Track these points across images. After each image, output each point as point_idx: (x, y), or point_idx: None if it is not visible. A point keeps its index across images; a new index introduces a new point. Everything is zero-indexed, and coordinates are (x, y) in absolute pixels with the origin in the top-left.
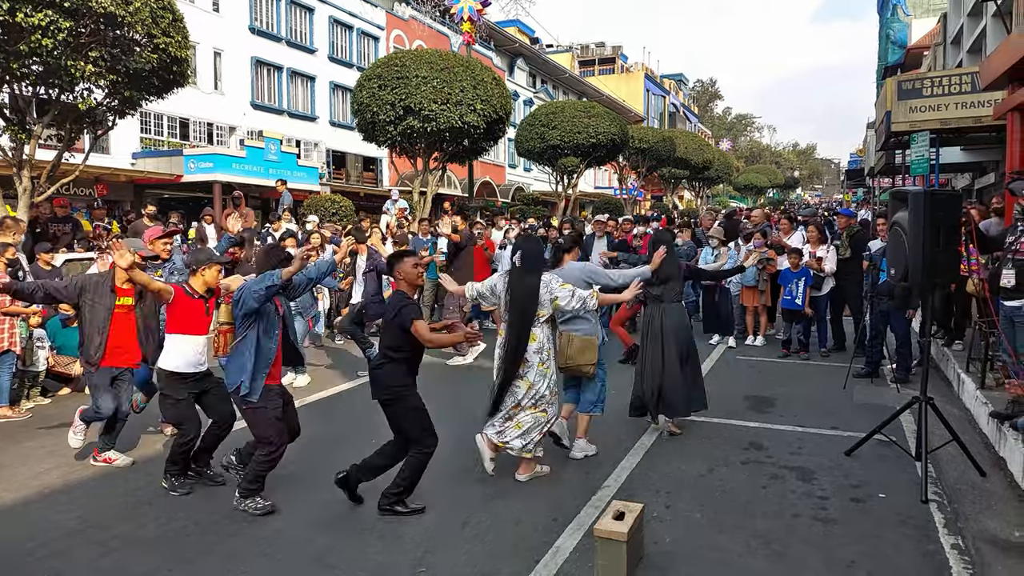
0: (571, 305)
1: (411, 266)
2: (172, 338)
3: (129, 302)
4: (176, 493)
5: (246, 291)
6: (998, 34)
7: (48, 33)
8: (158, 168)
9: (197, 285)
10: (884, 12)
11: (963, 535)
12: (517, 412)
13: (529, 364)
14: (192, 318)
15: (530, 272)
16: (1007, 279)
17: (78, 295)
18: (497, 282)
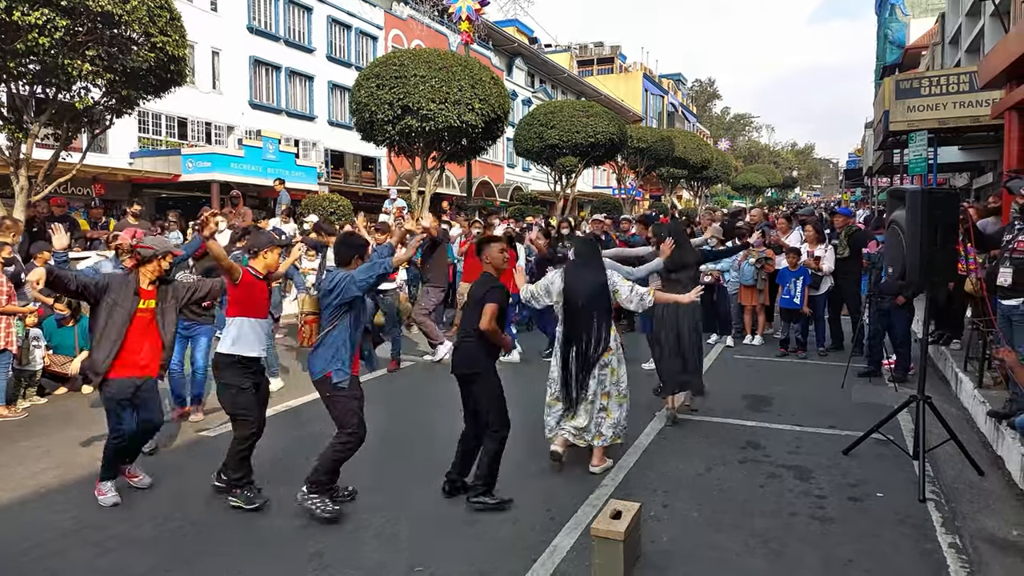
0: (631, 300)
1: (497, 251)
2: (237, 321)
3: (152, 306)
4: (251, 508)
5: (349, 280)
6: (996, 33)
7: (45, 32)
8: (156, 167)
9: (259, 267)
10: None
11: (961, 534)
12: (607, 401)
13: (612, 352)
14: (258, 301)
15: (594, 267)
16: (1004, 278)
17: (102, 294)
18: (553, 280)
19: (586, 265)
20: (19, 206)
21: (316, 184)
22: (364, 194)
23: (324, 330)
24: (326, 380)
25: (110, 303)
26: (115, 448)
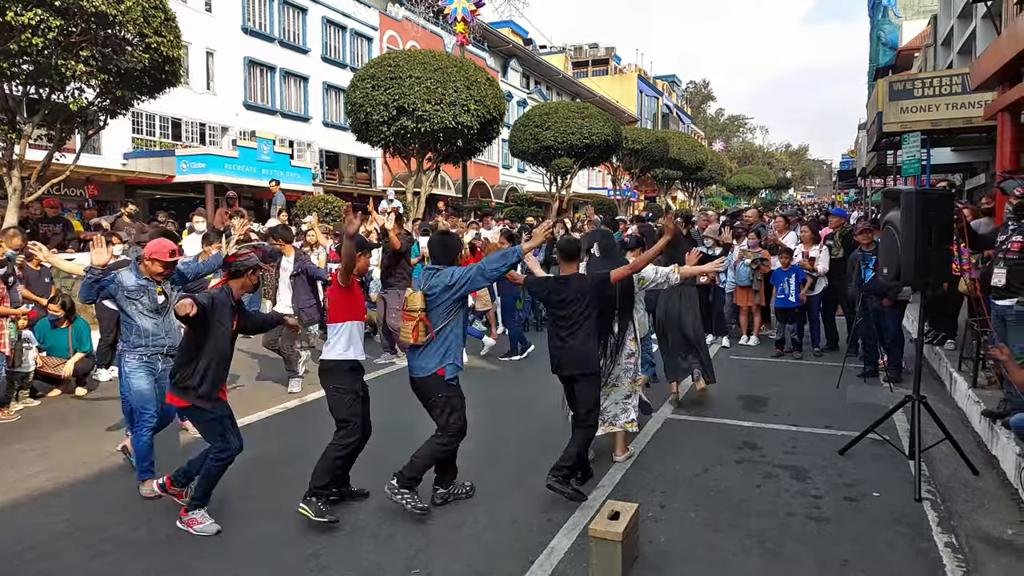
0: (657, 281)
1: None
2: (347, 326)
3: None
4: (321, 520)
5: (476, 271)
6: (988, 35)
7: (38, 32)
8: (150, 168)
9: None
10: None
11: (956, 533)
12: (634, 387)
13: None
14: (359, 303)
15: (615, 259)
16: (998, 278)
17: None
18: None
19: (609, 257)
20: (12, 207)
21: (311, 185)
22: (359, 195)
23: (438, 327)
24: (438, 377)
25: (216, 324)
26: (221, 468)
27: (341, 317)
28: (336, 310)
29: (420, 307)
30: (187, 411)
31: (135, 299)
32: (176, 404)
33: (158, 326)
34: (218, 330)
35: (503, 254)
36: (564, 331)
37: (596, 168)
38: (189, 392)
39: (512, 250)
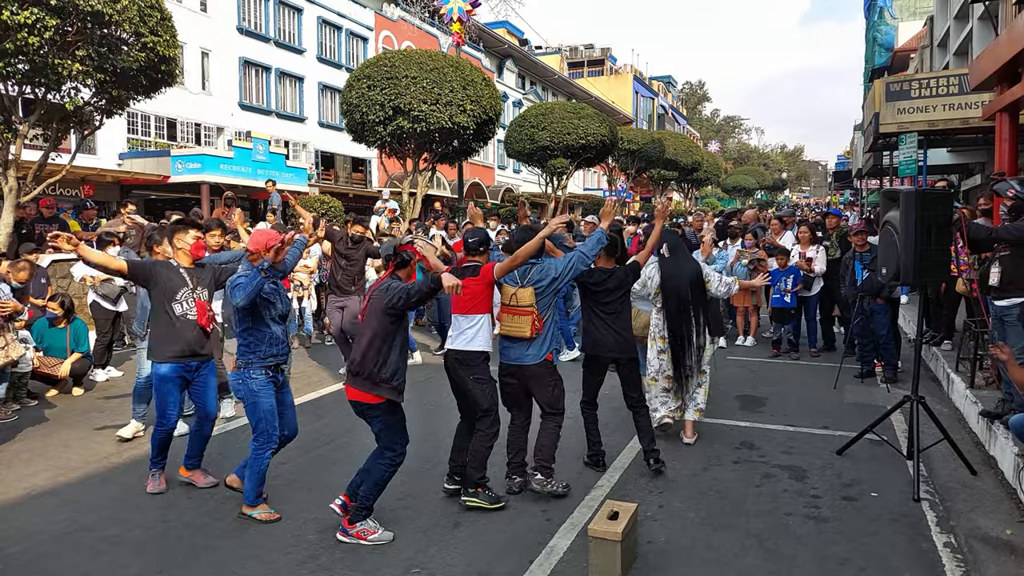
0: (718, 290)
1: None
2: (482, 318)
3: None
4: (496, 507)
5: (577, 259)
6: (985, 36)
7: (34, 31)
8: (145, 169)
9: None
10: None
11: (955, 533)
12: (704, 378)
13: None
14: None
15: (687, 258)
16: (995, 277)
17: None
18: (652, 275)
19: (681, 256)
20: (8, 207)
21: (306, 185)
22: (355, 195)
23: (544, 317)
24: (547, 362)
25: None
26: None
27: (479, 309)
28: (473, 303)
29: (532, 302)
30: (378, 408)
31: (273, 302)
32: (365, 400)
33: (285, 331)
34: (405, 321)
35: (596, 239)
36: (608, 316)
37: (592, 169)
38: (383, 386)
39: (601, 231)
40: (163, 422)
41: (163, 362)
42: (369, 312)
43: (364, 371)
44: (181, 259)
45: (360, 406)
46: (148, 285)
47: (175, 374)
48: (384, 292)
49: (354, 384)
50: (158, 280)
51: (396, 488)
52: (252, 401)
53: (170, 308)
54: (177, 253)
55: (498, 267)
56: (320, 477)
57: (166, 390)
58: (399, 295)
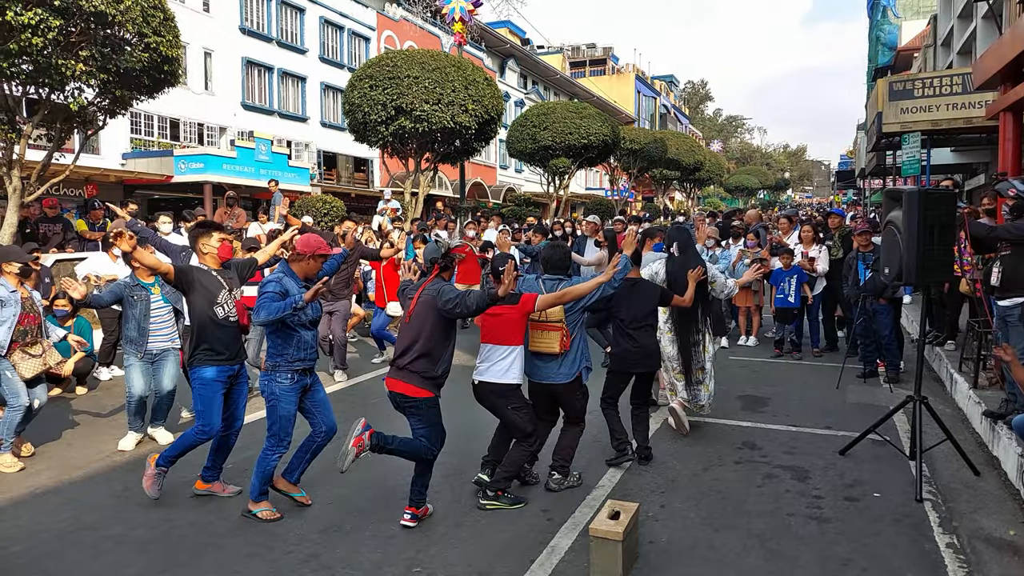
0: (722, 290)
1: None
2: (517, 350)
3: None
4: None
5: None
6: (988, 35)
7: (38, 32)
8: (148, 169)
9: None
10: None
11: (958, 534)
12: (703, 376)
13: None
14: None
15: (695, 257)
16: (996, 277)
17: None
18: (657, 271)
19: (690, 255)
20: (12, 207)
21: (308, 185)
22: (357, 195)
23: (572, 335)
24: (579, 380)
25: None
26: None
27: (513, 340)
28: (508, 332)
29: (561, 317)
30: (422, 402)
31: (303, 309)
32: (411, 393)
33: (315, 336)
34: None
35: (623, 266)
36: (633, 331)
37: (594, 168)
38: (430, 382)
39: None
40: (206, 429)
41: (207, 365)
42: (420, 311)
43: (415, 367)
44: (209, 263)
45: (403, 399)
46: (189, 291)
47: (220, 378)
48: (436, 294)
49: (401, 377)
50: (199, 285)
51: (397, 488)
52: (273, 403)
53: (213, 313)
54: (204, 257)
55: (541, 300)
56: (322, 476)
57: (211, 394)
58: (456, 304)
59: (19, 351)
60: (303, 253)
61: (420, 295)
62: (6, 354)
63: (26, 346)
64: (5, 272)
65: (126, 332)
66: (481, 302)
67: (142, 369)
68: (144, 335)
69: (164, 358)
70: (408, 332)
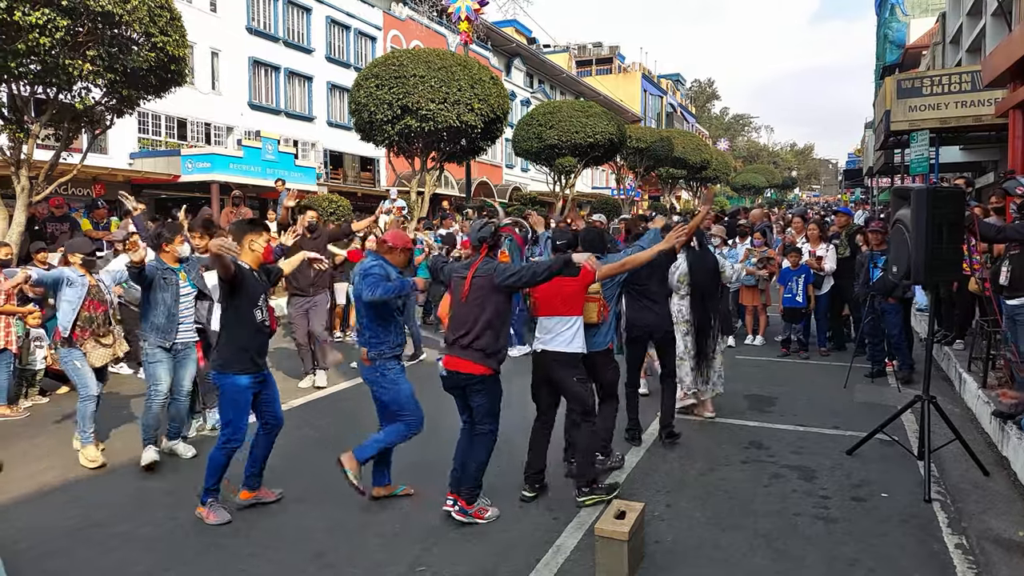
0: (731, 276)
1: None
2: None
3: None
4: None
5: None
6: (998, 33)
7: (46, 32)
8: (156, 168)
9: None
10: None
11: (967, 535)
12: (714, 360)
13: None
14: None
15: (708, 250)
16: (1004, 276)
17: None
18: (679, 265)
19: (704, 249)
20: (20, 206)
21: (315, 185)
22: (363, 194)
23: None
24: (608, 351)
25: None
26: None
27: (574, 311)
28: (570, 304)
29: (599, 289)
30: (484, 380)
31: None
32: (472, 371)
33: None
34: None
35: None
36: (650, 301)
37: (600, 167)
38: (492, 359)
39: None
40: (235, 438)
41: (242, 373)
42: (476, 291)
43: (477, 344)
44: (250, 261)
45: (463, 377)
46: (237, 291)
47: (252, 386)
48: (492, 272)
49: (461, 355)
50: (246, 286)
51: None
52: (395, 388)
53: (252, 315)
54: (249, 255)
55: (602, 270)
56: (325, 476)
57: (243, 402)
58: (520, 276)
59: (91, 339)
60: (395, 246)
61: (473, 275)
62: (79, 343)
63: (98, 335)
64: (71, 263)
65: (152, 320)
66: (549, 272)
67: (168, 365)
68: (174, 322)
69: (187, 354)
70: (465, 312)
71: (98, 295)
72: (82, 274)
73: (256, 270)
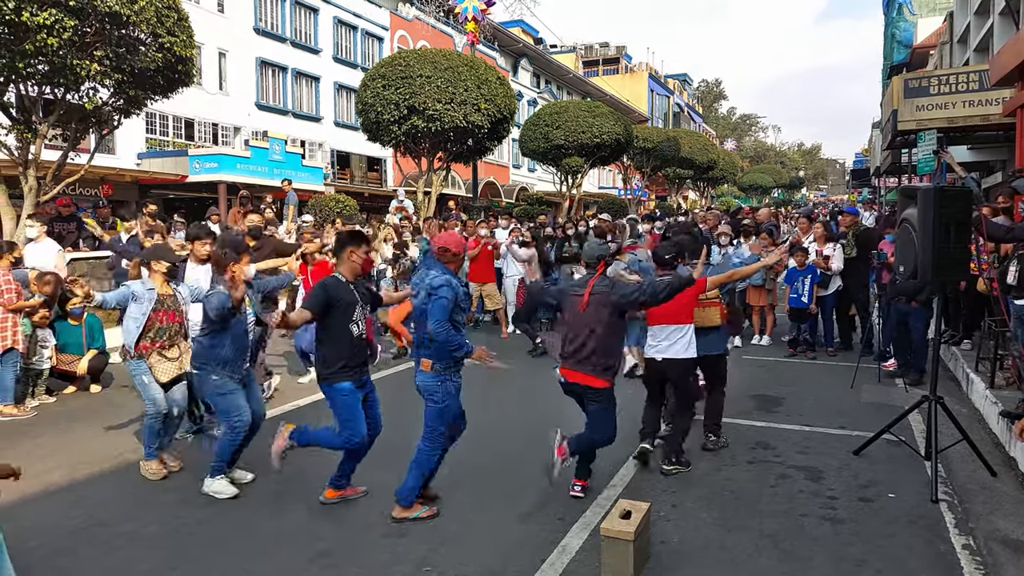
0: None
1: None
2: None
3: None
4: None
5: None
6: (1006, 32)
7: (53, 32)
8: (163, 168)
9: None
10: (889, 11)
11: (974, 535)
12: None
13: None
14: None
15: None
16: (1012, 276)
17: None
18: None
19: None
20: (28, 206)
21: (322, 185)
22: (370, 194)
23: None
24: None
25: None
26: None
27: (686, 319)
28: (682, 312)
29: (717, 293)
30: (602, 392)
31: (464, 308)
32: (592, 384)
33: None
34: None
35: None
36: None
37: (607, 167)
38: (609, 373)
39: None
40: (354, 436)
41: (345, 381)
42: (593, 307)
43: (595, 359)
44: (348, 274)
45: (583, 388)
46: (331, 308)
47: (356, 389)
48: (610, 288)
49: (582, 369)
50: (340, 301)
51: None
52: (445, 404)
53: (348, 330)
54: (349, 267)
55: (713, 279)
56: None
57: (354, 402)
58: (642, 293)
59: (156, 353)
60: (458, 252)
61: (591, 292)
62: (144, 355)
63: (163, 348)
64: (153, 270)
65: (219, 354)
66: (670, 291)
67: (243, 392)
68: (243, 354)
69: (251, 379)
70: (580, 326)
71: (174, 305)
72: (151, 287)
73: (353, 282)
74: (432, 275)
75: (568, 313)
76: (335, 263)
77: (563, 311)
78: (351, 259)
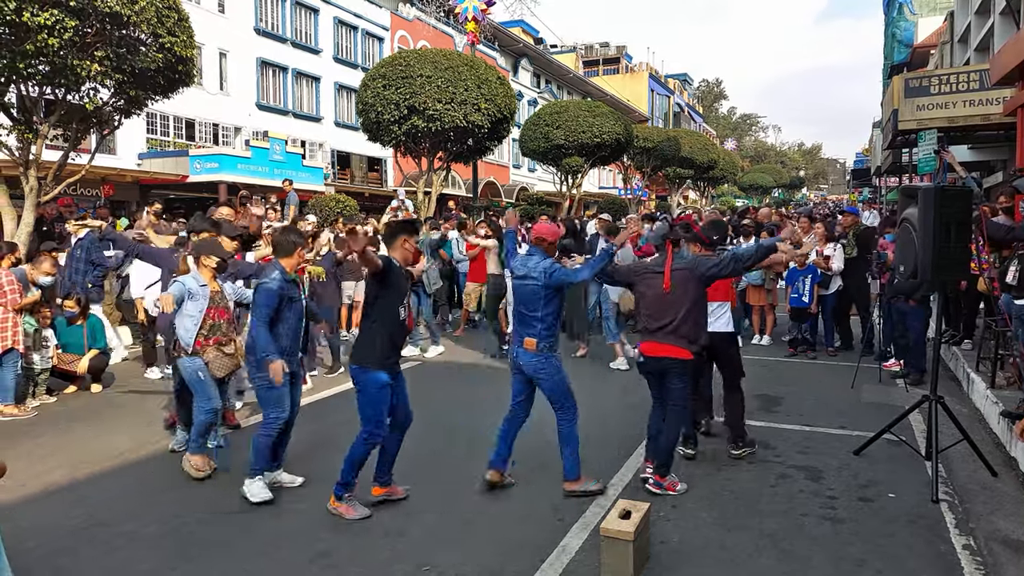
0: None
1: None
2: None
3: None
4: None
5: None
6: (1006, 31)
7: (54, 32)
8: (164, 168)
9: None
10: (890, 11)
11: (975, 535)
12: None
13: None
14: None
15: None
16: (1012, 276)
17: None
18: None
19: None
20: (29, 207)
21: (322, 185)
22: (370, 194)
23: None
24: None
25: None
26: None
27: (724, 297)
28: (720, 292)
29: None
30: (685, 363)
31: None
32: (677, 355)
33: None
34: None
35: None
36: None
37: (607, 167)
38: (693, 345)
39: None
40: (377, 433)
41: (382, 370)
42: (679, 283)
43: (681, 331)
44: (400, 260)
45: (665, 361)
46: (387, 286)
47: (390, 381)
48: (693, 266)
49: (664, 340)
50: (397, 282)
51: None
52: (560, 377)
53: (398, 312)
54: (401, 254)
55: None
56: (330, 475)
57: (385, 398)
58: (726, 264)
59: (214, 348)
60: (553, 241)
61: (672, 270)
62: (201, 352)
63: (220, 344)
64: (203, 264)
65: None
66: (755, 260)
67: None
68: (298, 342)
69: (299, 374)
70: (667, 303)
71: (222, 302)
72: (204, 283)
73: (405, 268)
74: (535, 260)
75: (650, 291)
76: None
77: (640, 289)
78: (404, 247)
